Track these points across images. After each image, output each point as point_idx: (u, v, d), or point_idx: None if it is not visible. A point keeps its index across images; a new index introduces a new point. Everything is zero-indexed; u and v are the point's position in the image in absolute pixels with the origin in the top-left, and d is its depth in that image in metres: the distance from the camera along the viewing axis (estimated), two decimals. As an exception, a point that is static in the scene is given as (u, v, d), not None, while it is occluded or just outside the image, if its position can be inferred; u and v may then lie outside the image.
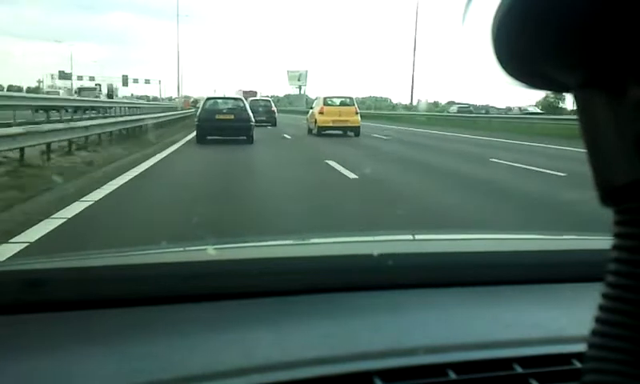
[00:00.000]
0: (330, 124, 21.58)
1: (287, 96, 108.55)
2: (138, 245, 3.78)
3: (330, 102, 22.39)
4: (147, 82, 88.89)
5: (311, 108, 24.58)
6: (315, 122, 22.10)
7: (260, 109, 30.04)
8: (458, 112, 43.88)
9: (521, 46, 0.33)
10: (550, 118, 30.74)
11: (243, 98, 19.56)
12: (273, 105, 32.92)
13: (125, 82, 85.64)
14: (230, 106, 17.71)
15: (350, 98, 22.84)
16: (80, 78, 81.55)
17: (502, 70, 0.34)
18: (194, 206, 6.29)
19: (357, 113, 22.10)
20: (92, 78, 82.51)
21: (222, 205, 6.53)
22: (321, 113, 21.88)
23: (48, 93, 50.17)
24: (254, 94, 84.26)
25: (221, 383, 0.65)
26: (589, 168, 0.35)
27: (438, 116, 42.75)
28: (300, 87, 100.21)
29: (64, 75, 77.18)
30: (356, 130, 21.69)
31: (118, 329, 0.81)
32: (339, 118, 21.61)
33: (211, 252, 1.09)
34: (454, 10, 0.36)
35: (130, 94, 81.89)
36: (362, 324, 0.84)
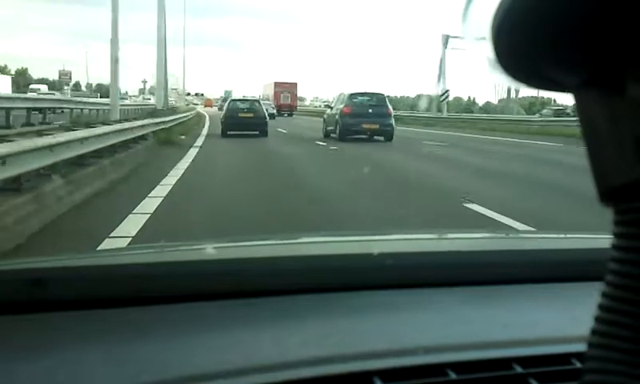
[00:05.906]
0: None
1: (419, 96, 66.73)
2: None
3: None
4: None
5: None
6: None
7: (370, 110, 18.73)
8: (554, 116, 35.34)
9: (520, 46, 0.33)
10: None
11: (259, 99, 24.52)
12: (388, 104, 19.85)
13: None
14: (248, 106, 22.11)
15: None
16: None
17: (503, 69, 0.34)
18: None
19: None
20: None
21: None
22: None
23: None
24: (294, 86, 62.26)
25: (220, 383, 0.65)
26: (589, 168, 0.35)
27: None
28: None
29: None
30: None
31: (117, 329, 0.81)
32: None
33: (211, 251, 1.09)
34: (455, 9, 0.35)
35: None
36: (361, 324, 0.84)
